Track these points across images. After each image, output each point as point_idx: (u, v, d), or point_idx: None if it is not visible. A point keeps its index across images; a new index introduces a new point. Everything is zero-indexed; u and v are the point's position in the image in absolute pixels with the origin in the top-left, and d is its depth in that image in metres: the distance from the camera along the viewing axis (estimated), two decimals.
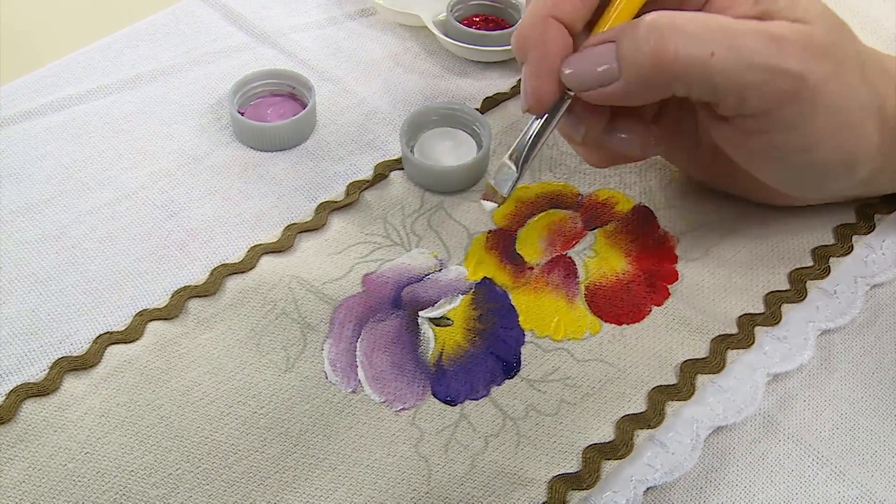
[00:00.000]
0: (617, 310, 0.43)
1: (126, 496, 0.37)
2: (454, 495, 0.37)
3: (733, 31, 0.37)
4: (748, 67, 0.37)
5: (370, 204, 0.48)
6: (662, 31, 0.36)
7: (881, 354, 0.42)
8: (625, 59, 0.37)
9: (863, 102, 0.39)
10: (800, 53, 0.37)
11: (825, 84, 0.38)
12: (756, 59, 0.36)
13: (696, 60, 0.36)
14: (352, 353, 0.41)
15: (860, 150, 0.40)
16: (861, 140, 0.40)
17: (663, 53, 0.36)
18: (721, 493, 0.38)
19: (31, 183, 0.49)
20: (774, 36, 0.37)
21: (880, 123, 0.40)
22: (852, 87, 0.39)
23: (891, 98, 0.41)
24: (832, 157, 0.40)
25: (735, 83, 0.37)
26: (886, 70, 0.41)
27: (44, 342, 0.42)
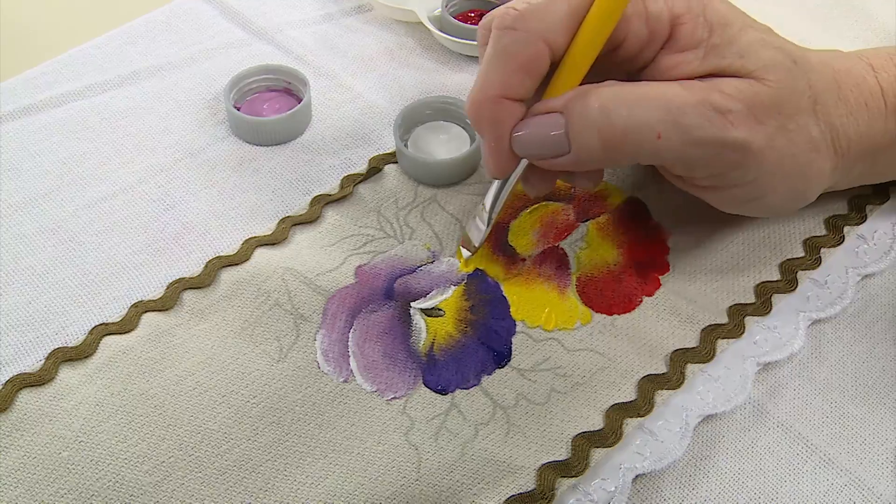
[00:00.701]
0: (608, 300, 0.43)
1: (119, 483, 0.37)
2: (443, 482, 0.37)
3: (678, 106, 0.37)
4: (694, 144, 0.37)
5: (364, 197, 0.48)
6: (611, 111, 0.37)
7: (871, 344, 0.43)
8: (574, 135, 0.38)
9: (813, 141, 0.40)
10: (743, 121, 0.38)
11: (770, 143, 0.38)
12: (700, 135, 0.37)
13: (644, 142, 0.37)
14: (344, 343, 0.42)
15: (811, 185, 0.42)
16: (813, 175, 0.41)
17: (611, 134, 0.37)
18: (710, 480, 0.38)
19: (30, 178, 0.49)
20: (718, 108, 0.37)
21: (833, 154, 0.41)
22: (801, 133, 0.39)
23: (845, 126, 0.41)
24: (783, 198, 0.41)
25: (681, 158, 0.39)
26: (843, 97, 0.41)
27: (40, 333, 0.42)
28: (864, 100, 0.42)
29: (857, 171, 0.44)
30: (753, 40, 0.39)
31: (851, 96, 0.41)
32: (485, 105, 0.39)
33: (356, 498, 0.37)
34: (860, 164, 0.43)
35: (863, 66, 0.43)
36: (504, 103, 0.39)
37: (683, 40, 0.38)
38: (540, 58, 0.38)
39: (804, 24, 0.58)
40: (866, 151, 0.42)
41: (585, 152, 0.38)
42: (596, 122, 0.37)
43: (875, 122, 0.42)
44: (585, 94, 0.38)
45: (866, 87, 0.42)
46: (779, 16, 0.57)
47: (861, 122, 0.41)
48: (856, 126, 0.41)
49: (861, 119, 0.41)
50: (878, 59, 0.43)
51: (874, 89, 0.42)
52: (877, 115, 0.42)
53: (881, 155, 0.43)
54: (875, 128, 0.42)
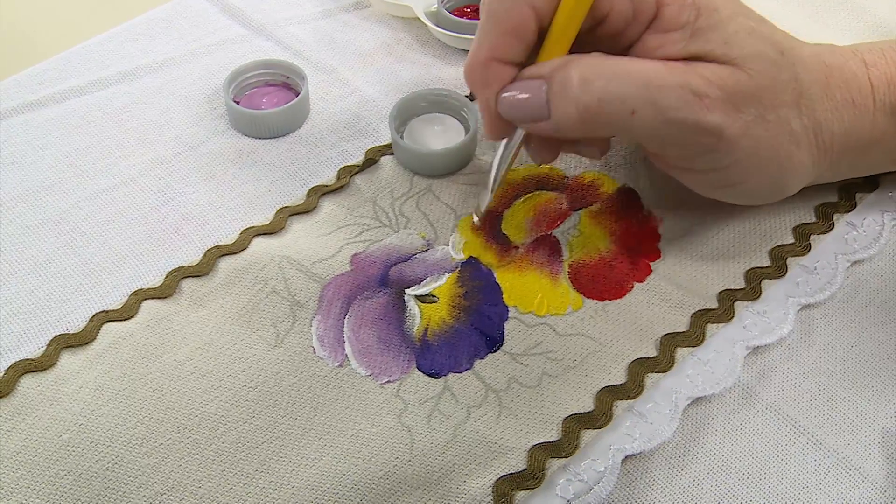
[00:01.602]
0: (599, 286, 0.44)
1: (118, 465, 0.38)
2: (435, 463, 0.38)
3: (656, 86, 0.38)
4: (668, 124, 0.38)
5: (360, 188, 0.49)
6: (589, 84, 0.38)
7: (860, 328, 0.43)
8: (554, 104, 0.39)
9: (794, 135, 0.40)
10: (720, 107, 0.38)
11: (745, 131, 0.39)
12: (674, 116, 0.38)
13: (619, 116, 0.38)
14: (339, 329, 0.42)
15: (790, 177, 0.42)
16: (790, 167, 0.41)
17: (587, 105, 0.38)
18: (699, 461, 0.39)
19: (33, 171, 0.50)
20: (696, 91, 0.38)
21: (815, 147, 0.42)
22: (780, 124, 0.40)
23: (829, 122, 0.41)
24: (760, 187, 0.42)
25: (655, 136, 0.39)
26: (830, 93, 0.41)
27: (42, 321, 0.43)
28: (852, 97, 0.42)
29: (844, 165, 0.44)
30: (740, 28, 0.39)
31: (839, 92, 0.42)
32: (476, 67, 0.40)
33: (350, 478, 0.38)
34: (847, 159, 0.43)
35: (856, 61, 0.43)
36: (494, 65, 0.40)
37: (669, 21, 0.39)
38: (526, 22, 0.39)
39: (798, 17, 0.58)
40: (852, 147, 0.43)
41: (564, 120, 0.39)
42: (574, 92, 0.38)
43: (861, 119, 0.42)
44: (568, 63, 0.38)
45: (856, 83, 0.42)
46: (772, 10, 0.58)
47: (846, 119, 0.42)
48: (840, 122, 0.42)
49: (846, 116, 0.42)
50: (872, 54, 0.43)
51: (864, 86, 0.42)
52: (864, 112, 0.42)
53: (869, 150, 0.44)
54: (861, 125, 0.42)
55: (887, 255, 0.46)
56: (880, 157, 0.45)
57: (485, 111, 0.41)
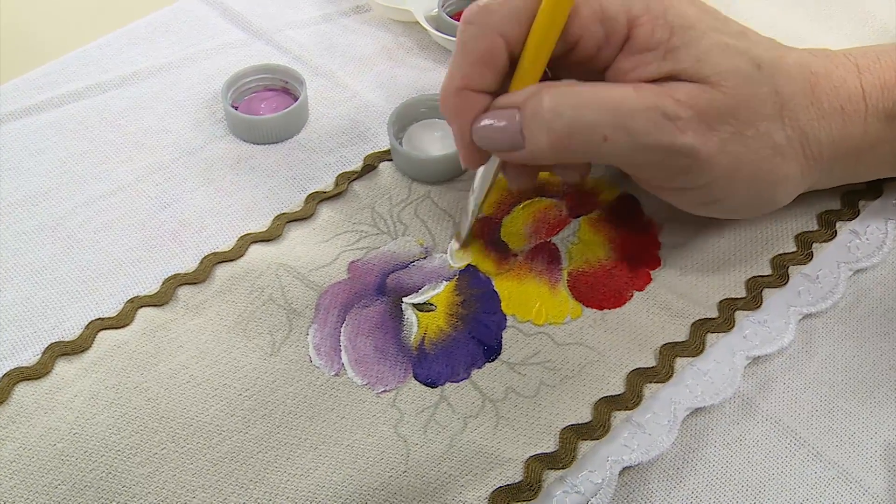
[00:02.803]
0: (599, 295, 0.44)
1: (112, 474, 0.38)
2: (431, 474, 0.38)
3: (627, 111, 0.37)
4: (640, 149, 0.38)
5: (358, 194, 0.48)
6: (560, 112, 0.37)
7: (862, 338, 0.43)
8: (527, 134, 0.38)
9: (778, 148, 0.40)
10: (693, 127, 0.37)
11: (721, 149, 0.38)
12: (646, 141, 0.37)
13: (590, 144, 0.38)
14: (336, 337, 0.42)
15: (776, 190, 0.41)
16: (776, 180, 0.41)
17: (559, 133, 0.38)
18: (698, 473, 0.39)
19: (30, 176, 0.50)
20: (667, 114, 0.37)
21: (803, 159, 0.41)
22: (761, 139, 0.39)
23: (815, 130, 0.41)
24: (745, 202, 0.42)
25: (629, 161, 0.39)
26: (817, 101, 0.41)
27: (37, 328, 0.43)
28: (841, 104, 0.41)
29: (838, 171, 0.43)
30: (714, 44, 0.38)
31: (826, 100, 0.41)
32: (449, 96, 0.40)
33: (345, 489, 0.37)
34: (840, 166, 0.43)
35: (847, 67, 0.42)
36: (467, 94, 0.40)
37: (641, 42, 0.38)
38: (496, 50, 0.39)
39: (803, 22, 0.58)
40: (843, 154, 0.42)
41: (537, 149, 0.38)
42: (545, 121, 0.37)
43: (852, 125, 0.41)
44: (539, 91, 0.38)
45: (845, 90, 0.41)
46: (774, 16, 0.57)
47: (835, 127, 0.41)
48: (828, 130, 0.41)
49: (835, 123, 0.41)
50: (866, 59, 0.42)
51: (854, 92, 0.41)
52: (854, 118, 0.41)
53: (864, 156, 0.43)
54: (851, 131, 0.41)
55: (890, 263, 0.45)
56: (877, 163, 0.44)
57: (459, 140, 0.41)
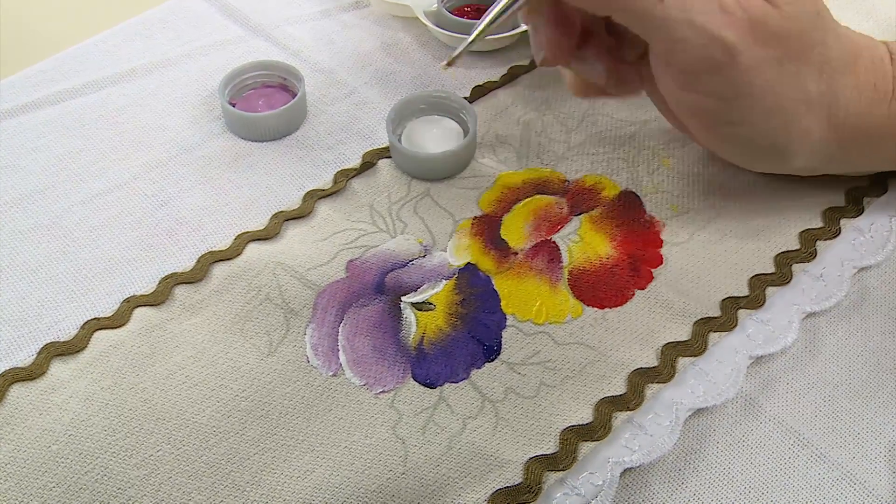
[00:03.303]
0: (600, 294, 0.43)
1: (108, 476, 0.37)
2: (430, 476, 0.37)
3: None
4: (687, 23, 0.38)
5: (357, 192, 0.48)
6: None
7: (867, 337, 0.42)
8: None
9: (807, 96, 0.40)
10: (743, 31, 0.38)
11: (759, 67, 0.38)
12: (697, 19, 0.38)
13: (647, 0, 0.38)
14: (334, 337, 0.42)
15: (793, 141, 0.41)
16: (795, 130, 0.41)
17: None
18: (700, 474, 0.38)
19: (26, 174, 0.50)
20: (724, 5, 0.38)
21: (827, 120, 0.41)
22: (797, 78, 0.39)
23: (847, 98, 0.41)
24: (760, 138, 0.41)
25: (671, 33, 0.38)
26: (855, 70, 0.41)
27: (33, 328, 0.43)
28: (875, 80, 0.41)
29: (855, 152, 0.43)
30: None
31: (863, 72, 0.41)
32: None
33: (342, 491, 0.37)
34: (858, 146, 0.43)
35: (883, 50, 0.43)
36: None
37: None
38: None
39: None
40: (864, 132, 0.42)
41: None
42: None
43: (879, 104, 0.42)
44: None
45: (881, 69, 0.42)
46: None
47: (864, 101, 0.41)
48: (858, 102, 0.41)
49: (865, 97, 0.41)
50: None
51: (887, 73, 0.42)
52: (882, 98, 0.42)
53: (884, 143, 0.43)
54: (878, 111, 0.42)
55: (895, 261, 0.44)
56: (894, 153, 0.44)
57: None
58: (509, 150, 0.50)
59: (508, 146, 0.50)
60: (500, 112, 0.52)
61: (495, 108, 0.52)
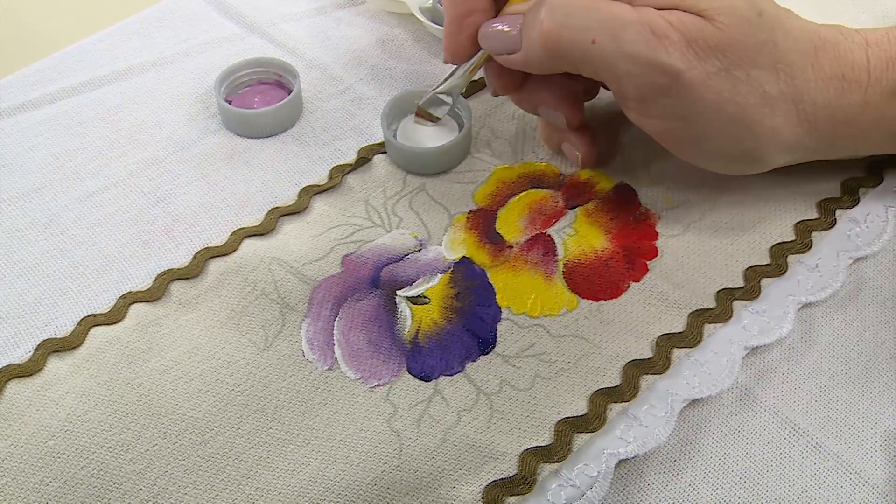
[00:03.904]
0: (595, 286, 0.43)
1: (104, 471, 0.37)
2: (424, 468, 0.37)
3: (619, 21, 0.39)
4: (624, 57, 0.39)
5: (353, 187, 0.48)
6: (555, 13, 0.40)
7: (863, 328, 0.42)
8: (525, 34, 0.41)
9: (766, 98, 0.40)
10: (680, 50, 0.38)
11: (706, 82, 0.39)
12: (631, 50, 0.39)
13: (579, 45, 0.39)
14: (329, 331, 0.42)
15: (763, 144, 0.41)
16: (761, 132, 0.41)
17: (551, 35, 0.40)
18: (695, 465, 0.38)
19: (23, 173, 0.50)
20: (657, 31, 0.38)
21: (796, 116, 0.41)
22: (749, 83, 0.39)
23: (812, 92, 0.41)
24: (728, 148, 0.42)
25: (613, 70, 0.40)
26: (818, 64, 0.41)
27: (30, 325, 0.43)
28: (843, 72, 0.41)
29: (840, 143, 0.43)
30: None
31: (828, 65, 0.41)
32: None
33: (337, 484, 0.37)
34: (841, 137, 0.43)
35: (856, 40, 0.42)
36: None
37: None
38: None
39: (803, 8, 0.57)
40: (841, 122, 0.42)
41: (530, 50, 0.41)
42: (540, 21, 0.40)
43: (851, 94, 0.41)
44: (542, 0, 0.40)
45: (849, 59, 0.42)
46: None
47: (832, 93, 0.41)
48: (825, 95, 0.41)
49: (833, 89, 0.41)
50: (876, 35, 0.43)
51: (858, 62, 0.42)
52: (854, 88, 0.41)
53: (868, 130, 0.43)
54: (850, 99, 0.41)
55: (891, 251, 0.44)
56: (882, 140, 0.44)
57: (450, 30, 0.44)
58: (504, 145, 0.50)
59: (503, 141, 0.50)
60: (495, 107, 0.52)
61: (490, 103, 0.52)
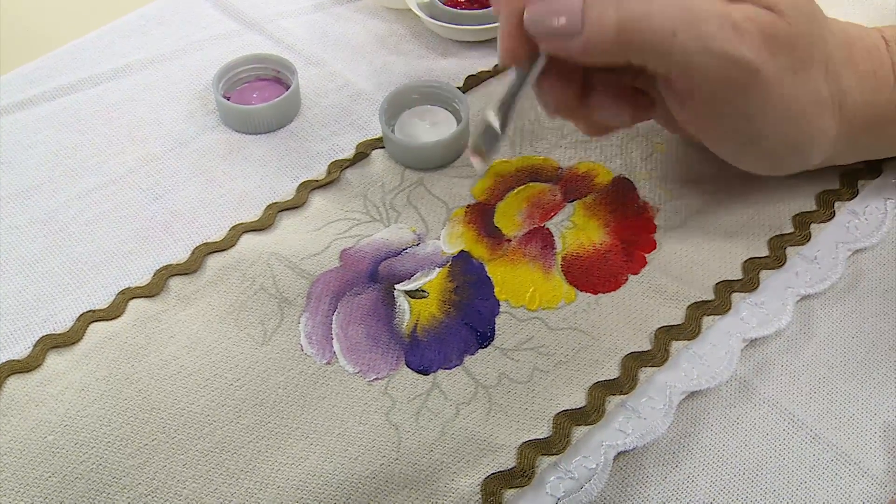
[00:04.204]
0: (593, 279, 0.43)
1: (103, 466, 0.37)
2: (423, 461, 0.37)
3: (697, 12, 0.36)
4: (705, 51, 0.37)
5: (351, 182, 0.48)
6: (631, 2, 0.36)
7: (861, 319, 0.42)
8: (590, 20, 0.36)
9: (821, 97, 0.39)
10: (758, 45, 0.37)
11: (779, 77, 0.38)
12: (713, 45, 0.36)
13: (659, 38, 0.36)
14: (327, 325, 0.42)
15: (813, 142, 0.41)
16: (815, 132, 0.40)
17: (629, 25, 0.36)
18: (694, 457, 0.38)
19: (22, 170, 0.50)
20: (736, 24, 0.37)
21: (839, 116, 0.40)
22: (810, 82, 0.39)
23: (852, 91, 0.40)
24: (783, 145, 0.40)
25: (691, 65, 0.37)
26: (853, 61, 0.41)
27: (29, 321, 0.43)
28: (874, 68, 0.41)
29: (862, 143, 0.43)
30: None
31: (861, 62, 0.41)
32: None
33: (336, 478, 0.37)
34: (865, 137, 0.42)
35: (876, 36, 0.42)
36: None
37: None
38: None
39: None
40: (871, 121, 0.42)
41: (598, 36, 0.36)
42: (614, 5, 0.36)
43: (882, 91, 0.41)
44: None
45: (877, 55, 0.41)
46: None
47: (868, 90, 0.41)
48: (862, 93, 0.41)
49: (868, 86, 0.41)
50: (892, 31, 0.43)
51: (885, 60, 0.42)
52: (884, 85, 0.41)
53: (886, 129, 0.43)
54: (882, 98, 0.41)
55: (890, 243, 0.44)
56: None
57: (505, 26, 0.39)
58: None
59: None
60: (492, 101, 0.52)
61: (488, 98, 0.52)
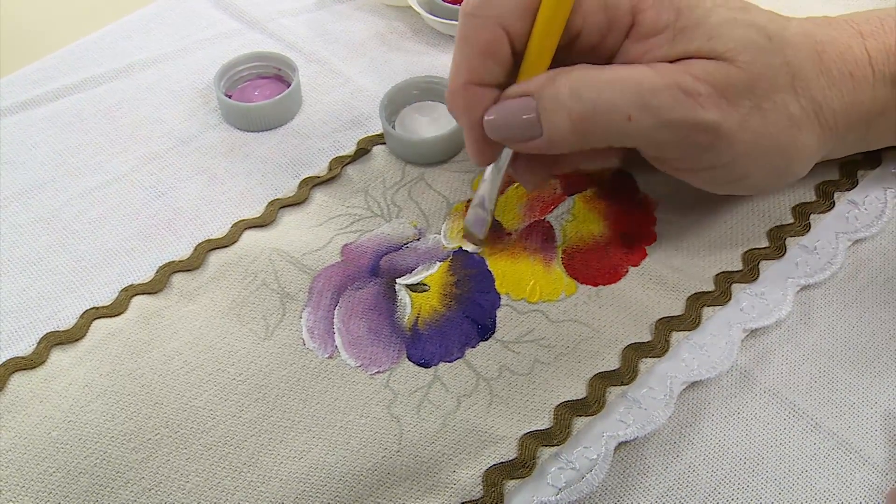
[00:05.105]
0: (593, 271, 0.43)
1: (106, 461, 0.38)
2: (425, 453, 0.37)
3: (648, 89, 0.37)
4: (662, 125, 0.37)
5: (352, 178, 0.48)
6: (582, 94, 0.37)
7: (861, 309, 0.42)
8: (546, 119, 0.38)
9: (793, 118, 0.39)
10: (713, 103, 0.37)
11: (744, 125, 0.38)
12: (669, 116, 0.37)
13: (616, 125, 0.37)
14: (329, 320, 0.42)
15: (795, 162, 0.41)
16: (793, 152, 0.40)
17: (581, 116, 0.37)
18: (694, 447, 0.38)
19: (26, 170, 0.50)
20: (687, 90, 0.37)
21: (818, 126, 0.40)
22: (778, 109, 0.38)
23: (828, 99, 0.40)
24: (766, 177, 0.41)
25: (652, 140, 0.38)
26: (825, 69, 0.40)
27: (33, 318, 0.43)
28: (849, 70, 0.40)
29: (850, 139, 0.43)
30: (723, 20, 0.38)
31: (834, 67, 0.40)
32: (456, 92, 0.39)
33: (338, 470, 0.37)
34: (853, 134, 0.42)
35: (850, 33, 0.41)
36: (474, 89, 0.39)
37: (648, 26, 0.38)
38: (499, 42, 0.38)
39: None
40: (856, 121, 0.41)
41: (557, 135, 0.38)
42: (566, 105, 0.37)
43: (861, 91, 0.41)
44: (556, 77, 0.38)
45: (851, 56, 0.41)
46: None
47: (846, 93, 0.40)
48: (840, 98, 0.40)
49: (846, 90, 0.40)
50: (869, 24, 0.42)
51: (860, 58, 0.41)
52: (863, 83, 0.41)
53: (875, 122, 0.42)
54: (861, 97, 0.41)
55: (890, 232, 0.44)
56: (886, 130, 0.43)
57: (470, 136, 0.40)
58: None
59: None
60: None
61: None
